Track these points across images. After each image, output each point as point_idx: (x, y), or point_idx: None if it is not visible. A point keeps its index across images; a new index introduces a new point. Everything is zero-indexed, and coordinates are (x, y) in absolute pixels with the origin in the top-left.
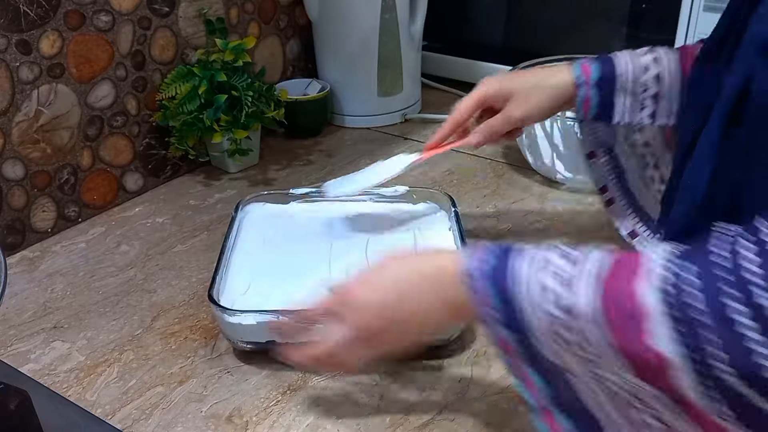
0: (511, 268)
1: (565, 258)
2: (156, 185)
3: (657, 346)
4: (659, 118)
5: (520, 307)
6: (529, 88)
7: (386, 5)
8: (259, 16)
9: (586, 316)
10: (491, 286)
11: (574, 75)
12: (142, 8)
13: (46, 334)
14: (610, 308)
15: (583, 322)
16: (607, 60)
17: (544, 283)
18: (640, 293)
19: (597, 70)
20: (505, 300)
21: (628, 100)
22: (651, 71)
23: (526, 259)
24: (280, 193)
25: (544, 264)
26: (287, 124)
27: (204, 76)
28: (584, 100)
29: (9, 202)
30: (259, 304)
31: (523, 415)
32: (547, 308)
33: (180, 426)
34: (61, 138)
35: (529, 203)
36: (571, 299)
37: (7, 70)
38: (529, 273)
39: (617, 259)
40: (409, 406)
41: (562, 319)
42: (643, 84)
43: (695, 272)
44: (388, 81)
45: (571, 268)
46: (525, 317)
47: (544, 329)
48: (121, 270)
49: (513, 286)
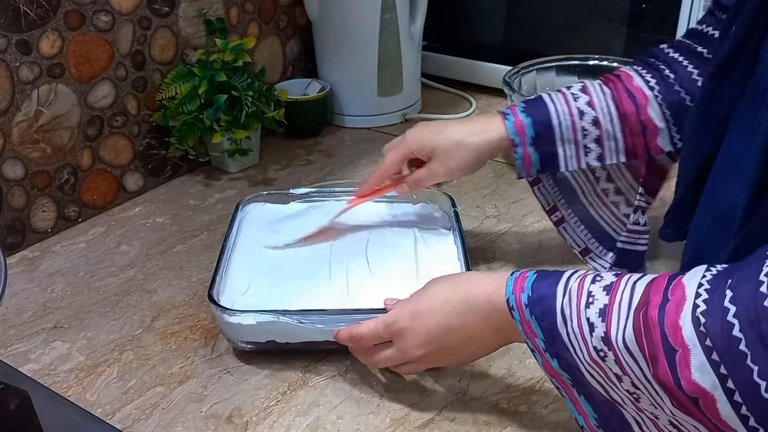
0: (553, 298)
1: (603, 287)
2: (156, 185)
3: (692, 378)
4: (608, 159)
5: (565, 341)
6: (451, 147)
7: (386, 5)
8: (259, 16)
9: (622, 348)
10: (536, 323)
11: (509, 134)
12: (142, 8)
13: (46, 334)
14: (644, 340)
15: (619, 353)
16: (539, 112)
17: (584, 315)
18: (673, 325)
19: (530, 127)
20: (551, 333)
21: (571, 149)
22: (587, 116)
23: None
24: (280, 193)
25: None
26: (287, 124)
27: (204, 76)
28: (524, 158)
29: (9, 202)
30: (259, 304)
31: (523, 415)
32: (587, 340)
33: (180, 426)
34: (61, 138)
35: (529, 203)
36: (606, 330)
37: (7, 70)
38: (571, 306)
39: (651, 287)
40: (409, 406)
41: (601, 349)
42: (582, 130)
43: (730, 298)
44: (388, 81)
45: (606, 297)
46: (570, 349)
47: (587, 360)
48: (121, 270)
49: (557, 320)
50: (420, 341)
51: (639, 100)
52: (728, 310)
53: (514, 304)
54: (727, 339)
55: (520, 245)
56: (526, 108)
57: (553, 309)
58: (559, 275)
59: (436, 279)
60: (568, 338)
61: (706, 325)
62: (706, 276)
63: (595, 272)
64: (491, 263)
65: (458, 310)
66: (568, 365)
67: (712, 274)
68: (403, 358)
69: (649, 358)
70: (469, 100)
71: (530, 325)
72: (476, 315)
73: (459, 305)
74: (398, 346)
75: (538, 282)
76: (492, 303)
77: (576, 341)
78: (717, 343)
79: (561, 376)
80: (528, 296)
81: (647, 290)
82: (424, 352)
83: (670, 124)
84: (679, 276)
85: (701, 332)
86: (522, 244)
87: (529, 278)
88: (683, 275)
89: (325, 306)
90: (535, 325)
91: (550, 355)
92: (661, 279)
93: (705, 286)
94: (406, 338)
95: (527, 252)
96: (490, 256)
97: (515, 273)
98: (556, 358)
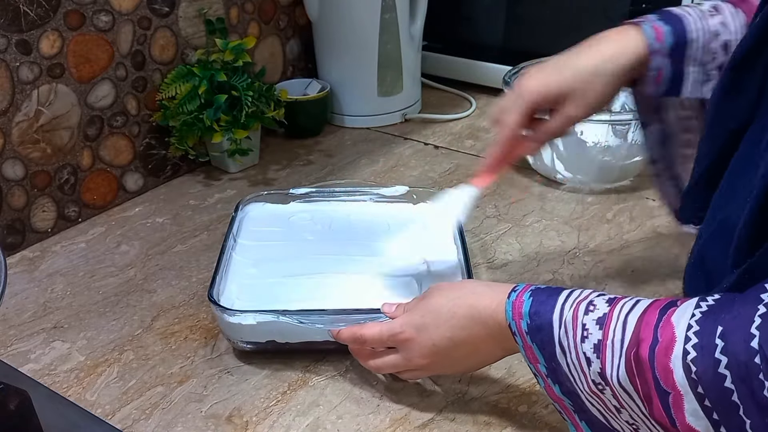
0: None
1: (596, 321)
2: (156, 185)
3: (686, 421)
4: None
5: (565, 371)
6: (585, 82)
7: (386, 5)
8: (259, 16)
9: (617, 385)
10: (538, 350)
11: (647, 41)
12: (142, 8)
13: (46, 334)
14: (637, 380)
15: (616, 389)
16: (677, 21)
17: (581, 349)
18: (664, 368)
19: (670, 35)
20: (552, 361)
21: (697, 72)
22: (720, 38)
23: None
24: (280, 193)
25: (579, 328)
26: (287, 124)
27: (204, 76)
28: (657, 73)
29: (9, 202)
30: (259, 304)
31: (523, 415)
32: (586, 373)
33: (180, 426)
34: (61, 138)
35: (529, 203)
36: (602, 366)
37: (7, 70)
38: (568, 338)
39: (641, 322)
40: (409, 406)
41: (599, 383)
42: (711, 52)
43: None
44: (388, 81)
45: (599, 332)
46: (570, 378)
47: (587, 390)
48: (121, 270)
49: (556, 350)
50: (427, 352)
51: None
52: (720, 361)
53: (515, 330)
54: (719, 389)
55: (520, 245)
56: (662, 16)
57: (552, 339)
58: (554, 301)
59: (439, 289)
60: (567, 368)
61: (697, 373)
62: (695, 315)
63: (587, 298)
64: (491, 263)
65: (464, 324)
66: (569, 392)
67: (702, 312)
68: (407, 365)
69: (644, 398)
70: (469, 100)
71: (532, 351)
72: (481, 329)
73: (464, 319)
74: (404, 355)
75: (535, 308)
76: (495, 319)
77: (576, 372)
78: (709, 391)
79: (563, 402)
80: (527, 324)
81: (638, 326)
82: (430, 362)
83: None
84: (669, 310)
85: (693, 379)
86: (522, 244)
87: (525, 304)
88: (675, 309)
89: (325, 306)
90: (537, 352)
91: (552, 381)
92: (652, 312)
93: (694, 328)
94: (412, 348)
95: (527, 252)
96: (490, 256)
97: (512, 295)
98: (557, 384)
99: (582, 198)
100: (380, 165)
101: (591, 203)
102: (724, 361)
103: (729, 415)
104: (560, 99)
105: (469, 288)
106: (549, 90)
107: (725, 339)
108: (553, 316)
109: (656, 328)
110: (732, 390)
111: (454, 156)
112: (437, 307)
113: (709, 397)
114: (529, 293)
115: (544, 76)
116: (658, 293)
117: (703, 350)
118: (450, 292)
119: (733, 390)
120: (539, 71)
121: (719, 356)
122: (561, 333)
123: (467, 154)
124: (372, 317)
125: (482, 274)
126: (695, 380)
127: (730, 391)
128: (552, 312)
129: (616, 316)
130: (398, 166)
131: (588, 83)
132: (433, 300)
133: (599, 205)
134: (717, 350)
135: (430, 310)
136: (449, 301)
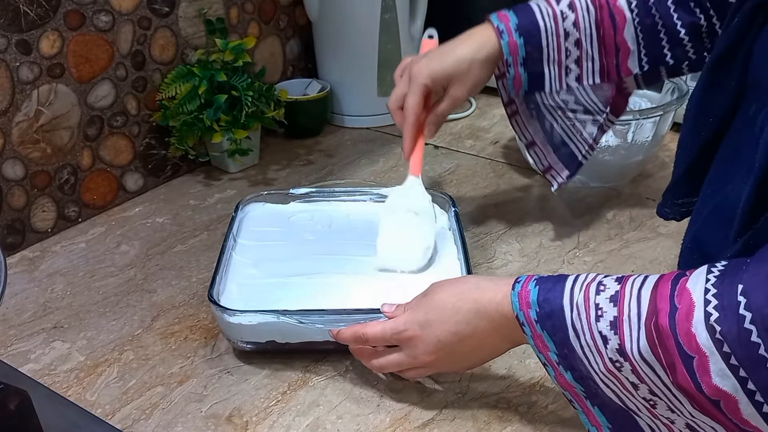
0: (561, 313)
1: (609, 299)
2: (156, 185)
3: (713, 383)
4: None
5: (579, 354)
6: (464, 68)
7: (386, 5)
8: (259, 16)
9: (638, 358)
10: (548, 337)
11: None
12: (142, 8)
13: (46, 334)
14: (659, 350)
15: (636, 363)
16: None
17: (596, 329)
18: (687, 333)
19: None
20: (564, 346)
21: (556, 69)
22: (571, 36)
23: (574, 303)
24: (280, 193)
25: (593, 308)
26: (287, 124)
27: (204, 76)
28: (515, 79)
29: (9, 202)
30: (259, 304)
31: (524, 415)
32: (602, 352)
33: (180, 426)
34: (61, 138)
35: (529, 203)
36: (620, 342)
37: (7, 70)
38: (581, 320)
39: (656, 294)
40: (409, 406)
41: (617, 360)
42: (565, 51)
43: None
44: (388, 81)
45: (614, 309)
46: (585, 361)
47: (602, 371)
48: (121, 270)
49: (569, 334)
50: (431, 348)
51: (618, 22)
52: (744, 317)
53: (524, 320)
54: (745, 345)
55: (520, 245)
56: (519, 25)
57: (564, 324)
58: (562, 287)
59: (441, 285)
60: (582, 351)
61: (722, 333)
62: (709, 279)
63: (595, 280)
64: (491, 263)
65: (468, 318)
66: (582, 377)
67: (716, 276)
68: (411, 363)
69: (667, 366)
70: (469, 100)
71: (542, 339)
72: (486, 323)
73: (469, 314)
74: (408, 353)
75: (543, 296)
76: (501, 312)
77: (591, 353)
78: (735, 349)
79: (574, 389)
80: (536, 312)
81: (653, 298)
82: (435, 359)
83: (641, 47)
84: (681, 279)
85: (718, 339)
86: (522, 244)
87: (532, 293)
88: (686, 278)
89: (325, 306)
90: (547, 339)
91: (564, 368)
92: (664, 284)
93: (712, 291)
94: (417, 346)
95: (527, 252)
96: (490, 256)
97: (516, 286)
98: (570, 371)
99: (582, 198)
100: (380, 165)
101: (591, 203)
102: (748, 317)
103: (757, 369)
104: (445, 82)
105: (472, 283)
106: (436, 75)
107: (747, 296)
108: (563, 300)
109: (672, 297)
110: (759, 344)
111: (454, 156)
112: (441, 304)
113: (736, 354)
114: (534, 282)
115: (432, 63)
116: None
117: (725, 310)
118: (453, 288)
119: (760, 344)
120: (427, 59)
121: (743, 312)
122: (574, 315)
123: (467, 154)
124: (372, 317)
125: (482, 274)
126: (720, 340)
127: (757, 345)
128: (561, 297)
129: (629, 292)
130: (398, 166)
131: (466, 69)
132: (436, 297)
133: (599, 205)
134: (740, 307)
135: (433, 307)
136: (453, 297)
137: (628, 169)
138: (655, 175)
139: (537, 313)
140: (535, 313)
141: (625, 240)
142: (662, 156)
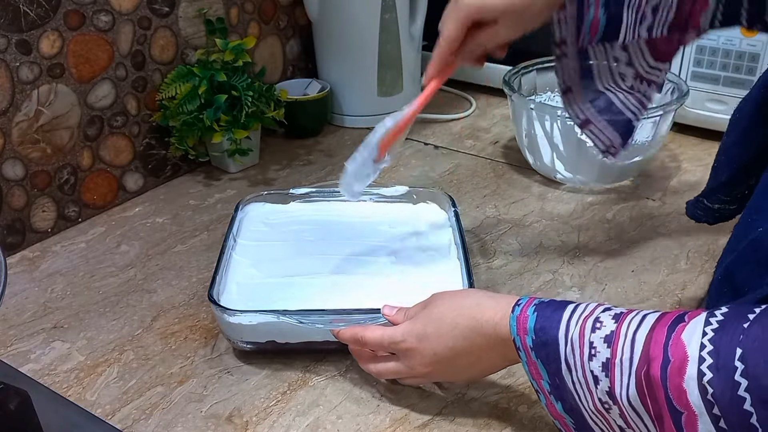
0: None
1: (603, 339)
2: (156, 185)
3: None
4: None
5: (570, 388)
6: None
7: (386, 5)
8: (259, 16)
9: (626, 405)
10: (542, 366)
11: None
12: (142, 8)
13: (46, 334)
14: (648, 400)
15: (624, 409)
16: None
17: (588, 367)
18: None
19: None
20: (556, 378)
21: (632, 15)
22: None
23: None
24: (280, 193)
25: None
26: (287, 124)
27: (204, 76)
28: (592, 22)
29: (9, 202)
30: (259, 304)
31: (523, 415)
32: (593, 391)
33: (180, 426)
34: (61, 138)
35: (529, 203)
36: (611, 385)
37: (7, 70)
38: (574, 356)
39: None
40: (409, 406)
41: (605, 402)
42: None
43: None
44: (388, 81)
45: (607, 350)
46: (575, 396)
47: (591, 408)
48: (121, 270)
49: (562, 367)
50: (428, 361)
51: None
52: (739, 384)
53: (520, 345)
54: (737, 413)
55: (520, 245)
56: None
57: (558, 356)
58: (559, 317)
59: (442, 297)
60: (573, 386)
61: (714, 395)
62: (706, 333)
63: (593, 314)
64: (491, 263)
65: (466, 334)
66: (572, 409)
67: (713, 330)
68: (408, 373)
69: (655, 417)
70: (469, 100)
71: (536, 366)
72: (483, 341)
73: (466, 330)
74: (405, 363)
75: (540, 324)
76: (498, 333)
77: (581, 390)
78: (726, 414)
79: (564, 419)
80: (533, 339)
81: (647, 345)
82: (431, 371)
83: (721, 3)
84: (678, 326)
85: (709, 401)
86: (522, 244)
87: (530, 319)
88: (684, 324)
89: (325, 306)
90: (541, 368)
91: (555, 398)
92: (661, 330)
93: (708, 348)
94: (413, 357)
95: (527, 252)
96: (491, 255)
97: (516, 309)
98: (560, 402)
99: (582, 198)
100: None
101: (591, 203)
102: (744, 384)
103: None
104: (498, 16)
105: (473, 299)
106: (483, 5)
107: (745, 362)
108: (559, 333)
109: (666, 347)
110: (751, 413)
111: (454, 156)
112: (440, 317)
113: (726, 419)
114: (533, 308)
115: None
116: (659, 293)
117: (720, 372)
118: (453, 302)
119: (752, 413)
120: None
121: (739, 379)
122: (567, 351)
123: (467, 154)
124: (372, 317)
125: (482, 274)
126: (711, 402)
127: (749, 413)
128: (557, 328)
129: (624, 334)
130: (398, 166)
131: (528, 3)
132: (435, 309)
133: (599, 205)
134: (736, 373)
135: (432, 320)
136: (452, 311)
137: (628, 169)
138: (655, 175)
139: (533, 341)
140: (531, 340)
141: (625, 240)
142: (662, 156)
